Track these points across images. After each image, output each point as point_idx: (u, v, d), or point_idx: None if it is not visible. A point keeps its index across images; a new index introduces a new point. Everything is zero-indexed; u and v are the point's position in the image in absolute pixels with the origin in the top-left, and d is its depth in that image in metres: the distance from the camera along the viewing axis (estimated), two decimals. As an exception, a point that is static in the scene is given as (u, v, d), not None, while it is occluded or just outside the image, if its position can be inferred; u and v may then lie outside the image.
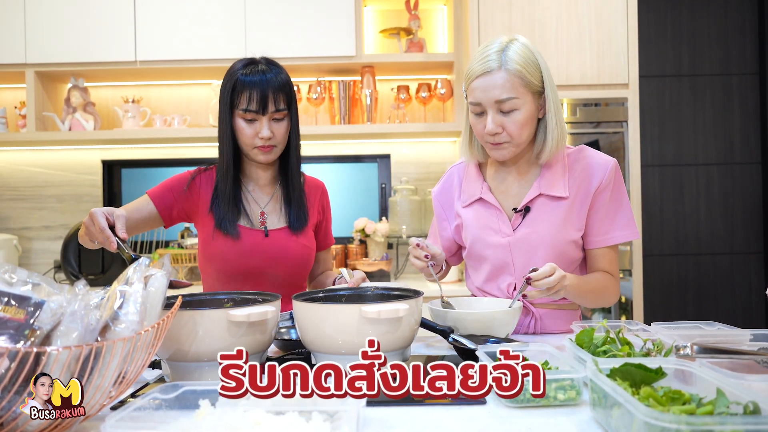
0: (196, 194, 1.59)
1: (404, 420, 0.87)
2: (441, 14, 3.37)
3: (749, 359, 0.99)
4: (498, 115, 1.37)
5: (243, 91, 1.48)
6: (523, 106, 1.37)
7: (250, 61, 1.54)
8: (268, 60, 1.56)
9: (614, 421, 0.77)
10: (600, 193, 1.44)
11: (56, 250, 3.32)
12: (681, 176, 3.53)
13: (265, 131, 1.49)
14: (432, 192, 1.68)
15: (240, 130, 1.51)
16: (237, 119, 1.51)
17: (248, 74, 1.49)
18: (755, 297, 3.52)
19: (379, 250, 3.15)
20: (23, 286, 0.84)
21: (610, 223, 1.45)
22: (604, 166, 1.44)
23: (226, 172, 1.55)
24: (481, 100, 1.38)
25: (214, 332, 1.01)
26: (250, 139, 1.51)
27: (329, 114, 3.24)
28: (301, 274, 1.63)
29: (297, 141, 1.60)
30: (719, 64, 3.51)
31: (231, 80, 1.51)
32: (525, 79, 1.36)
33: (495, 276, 1.51)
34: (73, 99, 3.12)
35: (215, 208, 1.56)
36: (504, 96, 1.35)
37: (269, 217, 1.60)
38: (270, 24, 3.00)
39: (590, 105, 2.76)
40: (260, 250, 1.55)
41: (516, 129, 1.38)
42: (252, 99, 1.48)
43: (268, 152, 1.53)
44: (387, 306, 1.03)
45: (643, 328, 1.23)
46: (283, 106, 1.51)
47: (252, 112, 1.49)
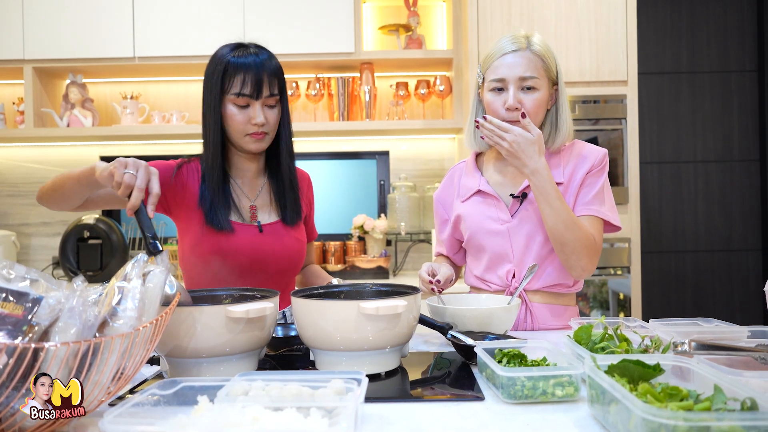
0: (182, 186, 1.48)
1: (402, 416, 0.87)
2: (440, 11, 3.37)
3: (747, 356, 0.99)
4: (519, 92, 1.45)
5: (236, 74, 1.39)
6: (542, 87, 1.46)
7: (238, 45, 1.45)
8: (258, 45, 1.47)
9: (612, 417, 0.77)
10: (591, 176, 1.50)
11: (54, 246, 3.32)
12: (679, 173, 3.53)
13: (260, 117, 1.41)
14: (434, 195, 1.69)
15: (231, 116, 1.41)
16: (227, 105, 1.42)
17: (240, 56, 1.40)
18: (753, 294, 3.53)
19: (377, 247, 3.15)
20: (21, 282, 0.84)
21: (598, 201, 1.48)
22: (597, 152, 1.52)
23: (212, 163, 1.44)
24: (506, 75, 1.45)
25: (212, 328, 1.01)
26: (242, 125, 1.42)
27: (328, 110, 3.24)
28: (293, 270, 1.57)
29: (288, 131, 1.52)
30: (718, 62, 3.51)
31: (221, 64, 1.41)
32: (546, 63, 1.47)
33: (495, 265, 1.53)
34: (71, 95, 3.11)
35: (204, 202, 1.45)
36: (528, 74, 1.44)
37: (259, 211, 1.53)
38: (269, 20, 2.99)
39: (589, 102, 2.76)
40: (255, 246, 1.47)
41: (533, 107, 1.45)
42: (246, 82, 1.39)
43: (260, 140, 1.44)
44: (385, 302, 1.03)
45: (641, 324, 1.23)
46: (276, 92, 1.44)
47: (246, 96, 1.40)
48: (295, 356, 1.24)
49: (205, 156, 1.46)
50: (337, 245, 3.17)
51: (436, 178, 3.37)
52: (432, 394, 0.99)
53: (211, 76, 1.42)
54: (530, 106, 1.45)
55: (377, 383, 1.04)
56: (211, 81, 1.42)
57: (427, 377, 1.10)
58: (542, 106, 1.47)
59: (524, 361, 1.01)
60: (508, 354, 1.02)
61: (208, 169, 1.46)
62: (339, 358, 1.07)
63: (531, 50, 1.45)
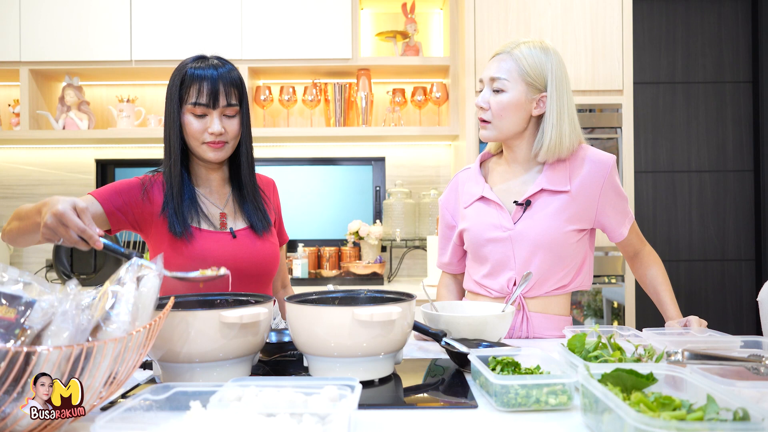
0: (150, 201, 1.49)
1: (396, 423, 0.87)
2: (437, 18, 3.38)
3: (739, 366, 0.99)
4: (488, 92, 1.51)
5: (192, 84, 1.43)
6: (511, 90, 1.48)
7: (200, 57, 1.49)
8: (220, 57, 1.51)
9: (605, 426, 0.77)
10: (605, 192, 1.51)
11: (48, 249, 3.31)
12: (674, 183, 3.55)
13: (216, 126, 1.43)
14: (439, 201, 1.70)
15: (188, 124, 1.44)
16: (186, 115, 1.45)
17: (198, 68, 1.44)
18: (746, 303, 3.54)
19: (372, 253, 3.15)
20: (14, 285, 0.83)
21: (622, 213, 1.56)
22: (605, 164, 1.51)
23: (173, 171, 1.46)
24: (482, 76, 1.53)
25: (206, 333, 1.01)
26: (199, 134, 1.44)
27: (324, 116, 3.24)
28: (270, 274, 1.57)
29: (249, 141, 1.54)
30: (712, 72, 3.53)
31: (179, 74, 1.45)
32: (522, 68, 1.47)
33: (496, 271, 1.53)
34: (67, 98, 3.11)
35: (167, 209, 1.45)
36: (497, 74, 1.48)
37: (229, 218, 1.54)
38: (266, 25, 3.00)
39: (584, 111, 2.78)
40: (231, 252, 1.48)
41: (497, 108, 1.48)
42: (202, 92, 1.42)
43: (218, 149, 1.46)
44: (379, 309, 1.03)
45: (634, 333, 1.23)
46: (234, 102, 1.46)
47: (202, 106, 1.43)
48: (288, 362, 1.24)
49: (166, 164, 1.48)
50: (332, 251, 3.17)
51: (431, 185, 3.37)
52: (425, 401, 0.99)
53: (171, 86, 1.46)
54: (494, 106, 1.49)
55: (371, 390, 1.04)
56: (170, 91, 1.46)
57: (421, 384, 1.10)
58: (509, 108, 1.48)
59: (518, 369, 1.01)
60: (501, 362, 1.02)
61: (169, 177, 1.47)
62: (333, 365, 1.06)
63: (511, 54, 1.48)
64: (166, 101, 1.48)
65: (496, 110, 1.48)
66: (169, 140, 1.47)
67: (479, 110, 1.53)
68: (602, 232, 1.59)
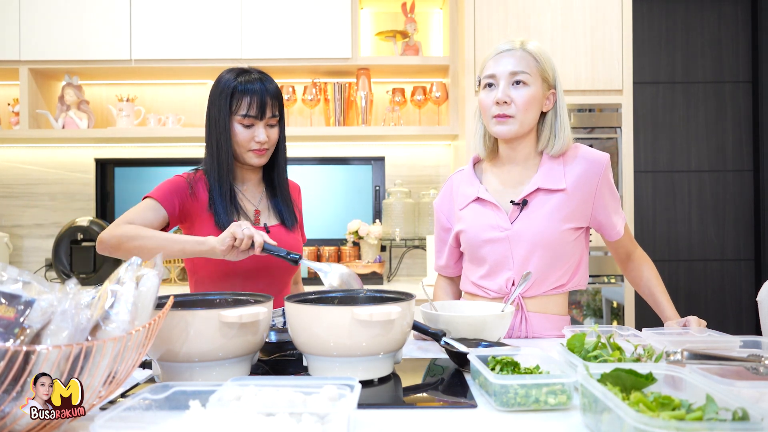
0: (196, 198, 1.61)
1: (395, 423, 0.87)
2: (437, 18, 3.38)
3: (739, 365, 0.99)
4: (509, 88, 1.47)
5: (243, 97, 1.57)
6: (533, 84, 1.46)
7: (242, 71, 1.61)
8: (259, 70, 1.63)
9: (604, 426, 0.77)
10: (601, 190, 1.51)
11: (48, 248, 3.31)
12: (673, 182, 3.55)
13: (262, 135, 1.58)
14: (434, 204, 1.70)
15: (237, 133, 1.58)
16: (234, 124, 1.58)
17: (246, 82, 1.58)
18: (745, 303, 3.54)
19: (372, 253, 3.15)
20: (13, 284, 0.83)
21: (615, 213, 1.56)
22: (600, 162, 1.52)
23: (219, 174, 1.60)
24: (496, 71, 1.48)
25: (205, 333, 1.01)
26: (247, 142, 1.59)
27: (324, 116, 3.24)
28: (294, 270, 1.70)
29: (284, 145, 1.69)
30: (712, 72, 3.53)
31: (228, 87, 1.58)
32: (539, 62, 1.48)
33: (494, 272, 1.53)
34: (67, 97, 3.11)
35: (215, 207, 1.59)
36: (518, 68, 1.46)
37: (262, 215, 1.68)
38: (266, 25, 2.99)
39: (584, 110, 2.78)
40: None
41: (523, 102, 1.46)
42: (252, 105, 1.56)
43: (262, 155, 1.61)
44: (379, 308, 1.03)
45: (634, 333, 1.23)
46: (277, 113, 1.61)
47: (251, 117, 1.57)
48: (287, 361, 1.24)
49: (211, 166, 1.61)
50: (331, 250, 3.17)
51: (431, 185, 3.37)
52: (425, 400, 0.99)
53: (219, 97, 1.59)
54: (520, 102, 1.45)
55: (370, 389, 1.04)
56: (219, 102, 1.59)
57: (420, 384, 1.10)
58: (533, 102, 1.47)
59: (517, 368, 1.01)
60: (501, 361, 1.02)
61: (218, 178, 1.60)
62: (332, 364, 1.06)
63: (524, 49, 1.48)
64: (210, 110, 1.61)
65: (521, 104, 1.45)
66: (218, 146, 1.60)
67: (498, 106, 1.47)
68: (597, 231, 1.59)
